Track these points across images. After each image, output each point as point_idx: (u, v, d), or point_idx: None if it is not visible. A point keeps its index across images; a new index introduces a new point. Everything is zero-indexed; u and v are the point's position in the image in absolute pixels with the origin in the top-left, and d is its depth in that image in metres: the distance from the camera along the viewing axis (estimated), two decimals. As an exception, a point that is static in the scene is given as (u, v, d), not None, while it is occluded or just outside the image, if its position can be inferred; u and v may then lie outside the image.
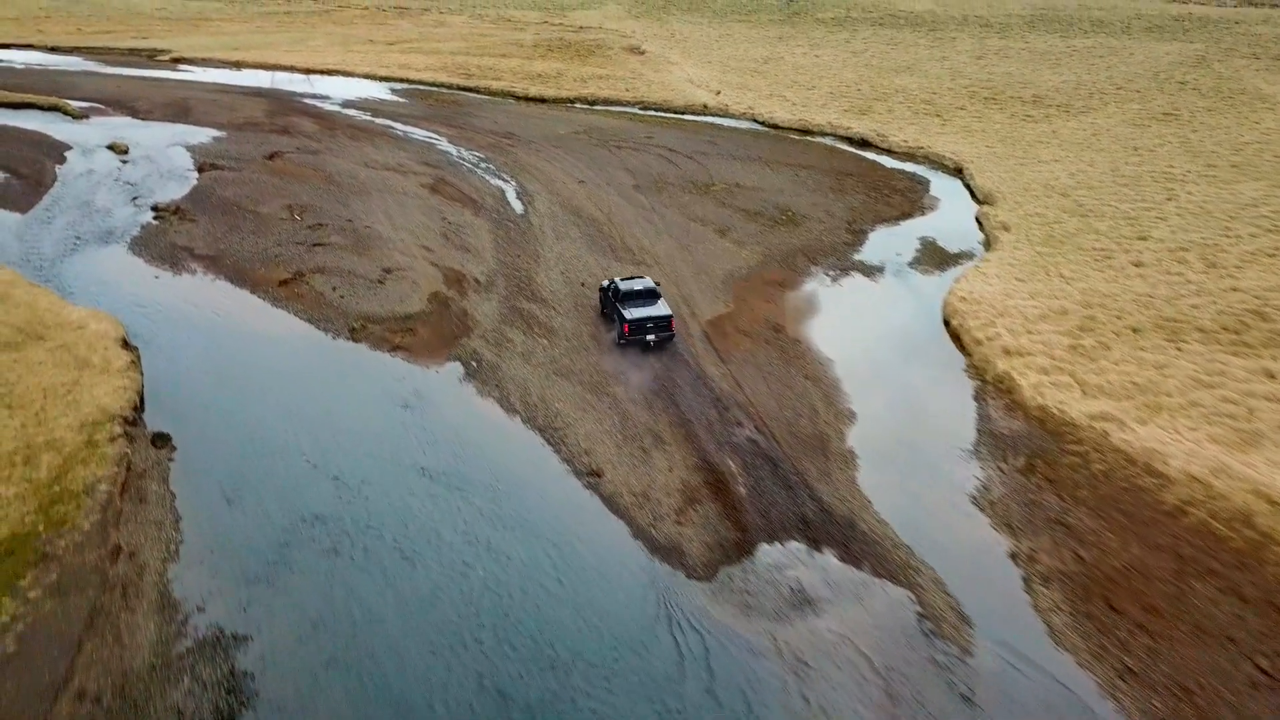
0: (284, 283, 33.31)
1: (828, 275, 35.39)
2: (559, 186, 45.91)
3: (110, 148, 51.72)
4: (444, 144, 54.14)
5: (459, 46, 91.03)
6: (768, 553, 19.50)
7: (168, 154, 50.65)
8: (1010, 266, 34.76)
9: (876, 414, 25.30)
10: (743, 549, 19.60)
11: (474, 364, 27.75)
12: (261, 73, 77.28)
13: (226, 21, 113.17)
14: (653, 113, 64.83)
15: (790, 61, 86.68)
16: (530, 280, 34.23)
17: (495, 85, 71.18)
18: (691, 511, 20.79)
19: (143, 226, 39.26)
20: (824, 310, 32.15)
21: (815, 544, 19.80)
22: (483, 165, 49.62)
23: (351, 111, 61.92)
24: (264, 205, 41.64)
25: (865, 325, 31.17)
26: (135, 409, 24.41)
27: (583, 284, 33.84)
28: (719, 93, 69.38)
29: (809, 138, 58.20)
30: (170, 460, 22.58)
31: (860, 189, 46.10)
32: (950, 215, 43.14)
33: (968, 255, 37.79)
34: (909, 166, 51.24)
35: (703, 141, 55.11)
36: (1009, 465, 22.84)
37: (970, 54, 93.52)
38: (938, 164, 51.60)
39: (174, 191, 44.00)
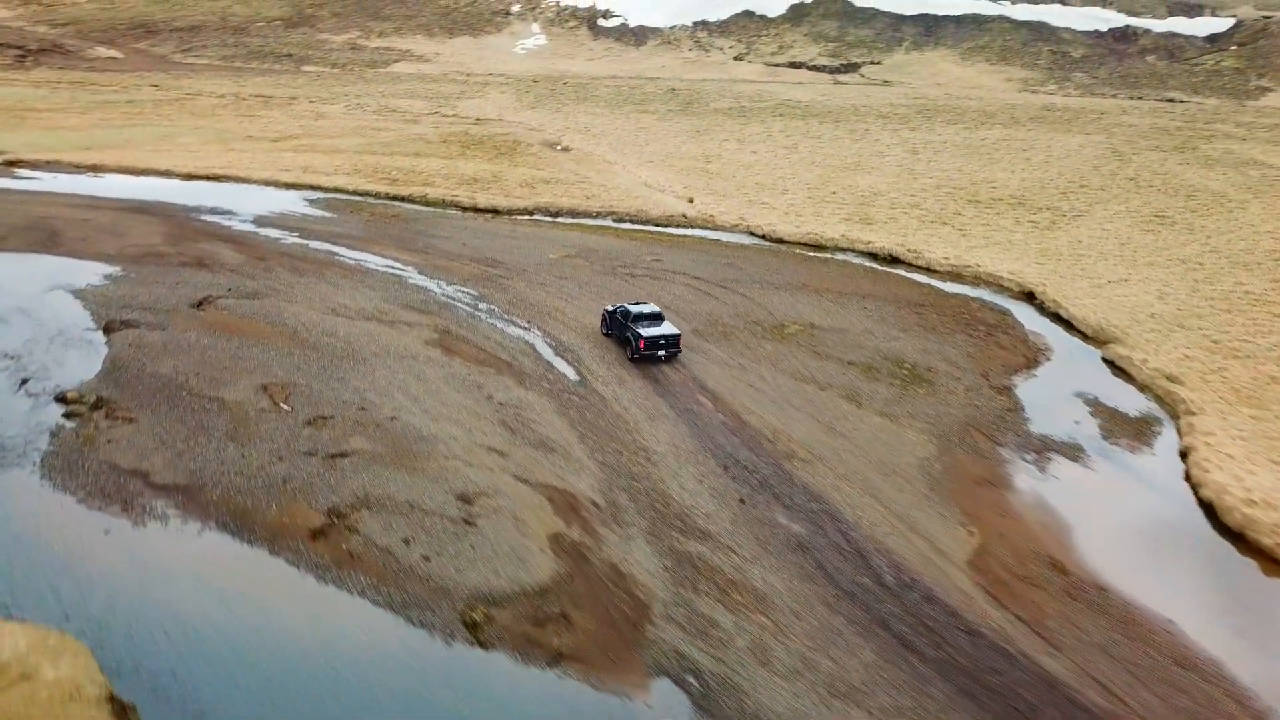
0: (319, 533, 22.24)
1: (1025, 461, 27.60)
2: (592, 334, 36.48)
3: (-38, 296, 38.26)
4: (415, 276, 43.61)
5: (358, 143, 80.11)
6: None
7: (49, 304, 37.77)
8: (1243, 441, 28.10)
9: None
10: None
11: (693, 682, 17.93)
12: (131, 179, 63.78)
13: (58, 113, 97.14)
14: (630, 225, 56.47)
15: (733, 159, 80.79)
16: (664, 496, 24.63)
17: (431, 193, 60.98)
18: None
19: (53, 432, 26.99)
20: (1077, 526, 24.18)
21: None
22: (482, 307, 39.52)
23: (273, 233, 50.22)
24: (227, 386, 30.05)
25: (1147, 550, 23.50)
26: None
27: (741, 500, 24.53)
28: (692, 200, 61.92)
29: (824, 254, 51.27)
30: None
31: (951, 325, 39.11)
32: (1074, 359, 36.81)
33: (1153, 420, 31.08)
34: (970, 290, 44.93)
35: (722, 265, 47.07)
36: None
37: (902, 148, 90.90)
38: (995, 285, 45.59)
39: (80, 367, 31.61)
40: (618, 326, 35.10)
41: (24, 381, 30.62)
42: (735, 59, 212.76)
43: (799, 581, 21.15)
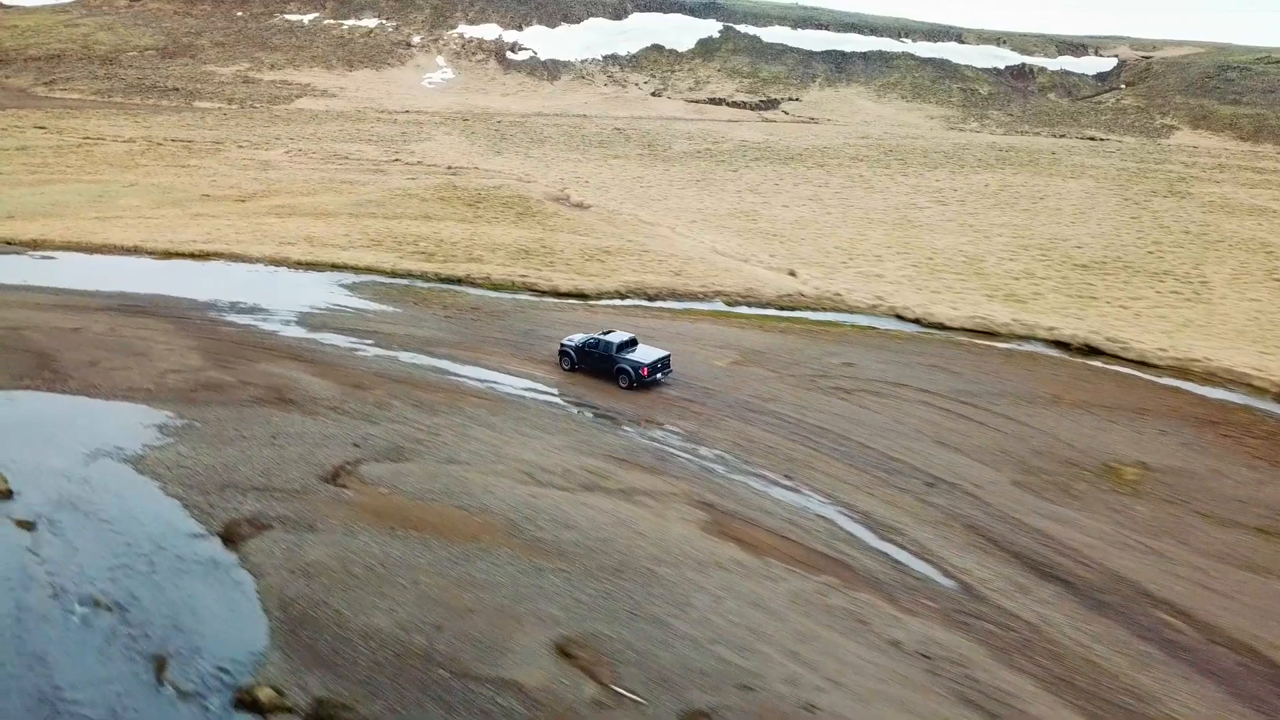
0: None
1: None
2: (894, 495, 27.34)
3: (-38, 482, 25.44)
4: (571, 406, 33.14)
5: (343, 202, 67.88)
6: None
7: (105, 488, 25.61)
8: None
9: None
10: None
11: None
12: (91, 259, 50.21)
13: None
14: (747, 309, 47.38)
15: (774, 215, 72.77)
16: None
17: (493, 273, 50.11)
18: None
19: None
20: None
21: None
22: (707, 454, 29.60)
23: (339, 340, 38.52)
24: (501, 653, 19.22)
25: None
26: None
27: None
28: (794, 273, 53.37)
29: (1002, 342, 43.54)
30: None
31: (1282, 454, 31.80)
32: None
33: None
34: (1222, 393, 37.93)
35: (925, 368, 38.57)
36: None
37: (924, 198, 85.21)
38: (1244, 386, 38.84)
39: (229, 622, 20.13)
40: (595, 361, 34.60)
41: (161, 665, 18.81)
42: (653, 94, 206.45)
43: None
